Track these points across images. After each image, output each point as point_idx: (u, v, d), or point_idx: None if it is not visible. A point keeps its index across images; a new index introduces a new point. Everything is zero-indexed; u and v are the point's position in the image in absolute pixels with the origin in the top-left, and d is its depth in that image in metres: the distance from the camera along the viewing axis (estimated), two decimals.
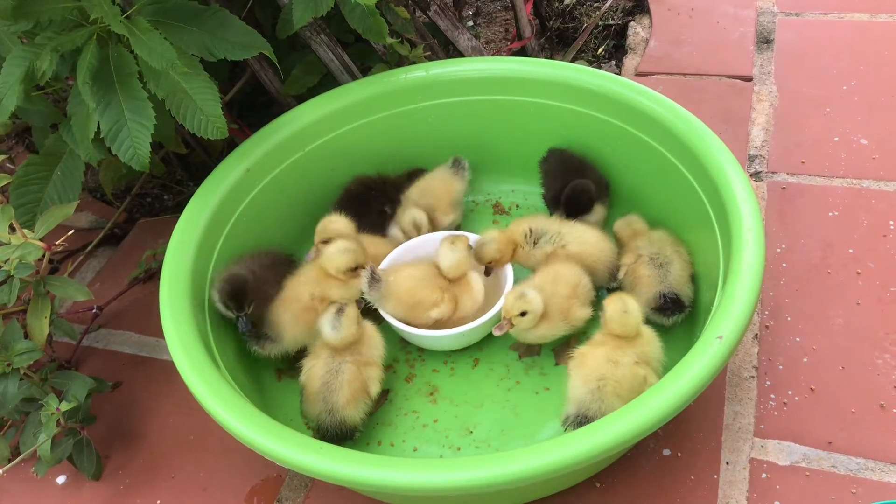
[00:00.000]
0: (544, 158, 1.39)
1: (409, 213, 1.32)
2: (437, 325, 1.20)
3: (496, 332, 1.12)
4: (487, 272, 1.24)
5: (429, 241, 1.30)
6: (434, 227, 1.34)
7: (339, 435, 1.08)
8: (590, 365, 1.03)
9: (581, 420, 1.00)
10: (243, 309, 1.15)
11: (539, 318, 1.13)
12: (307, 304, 1.19)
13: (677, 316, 1.17)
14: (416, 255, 1.30)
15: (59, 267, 1.52)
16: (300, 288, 1.20)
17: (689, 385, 0.89)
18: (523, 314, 1.11)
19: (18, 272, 1.08)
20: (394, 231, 1.35)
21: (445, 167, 1.41)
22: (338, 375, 1.10)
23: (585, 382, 1.02)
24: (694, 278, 1.20)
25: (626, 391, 1.00)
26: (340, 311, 1.11)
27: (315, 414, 1.10)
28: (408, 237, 1.32)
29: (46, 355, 1.26)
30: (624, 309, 1.05)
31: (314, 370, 1.12)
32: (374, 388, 1.12)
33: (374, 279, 1.18)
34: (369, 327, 1.16)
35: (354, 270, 1.20)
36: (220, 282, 1.17)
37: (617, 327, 1.05)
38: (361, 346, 1.13)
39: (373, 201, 1.38)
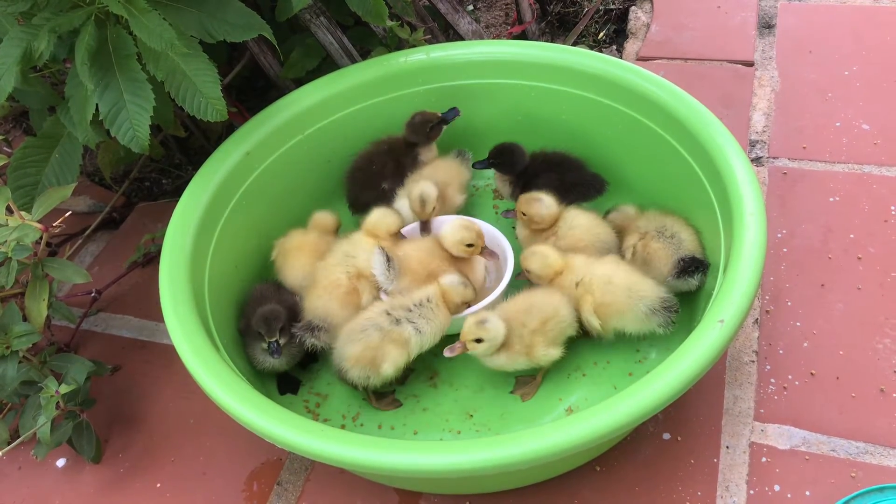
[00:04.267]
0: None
1: (419, 186, 1.28)
2: None
3: (447, 354, 1.09)
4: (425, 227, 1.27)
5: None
6: (446, 204, 1.34)
7: None
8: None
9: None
10: (273, 335, 1.13)
11: (497, 347, 1.09)
12: (348, 287, 1.18)
13: (702, 274, 1.15)
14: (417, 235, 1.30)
15: (57, 251, 1.52)
16: (335, 272, 1.19)
17: (690, 369, 0.89)
18: (479, 341, 1.08)
19: (16, 254, 1.08)
20: (400, 204, 1.34)
21: (451, 156, 1.41)
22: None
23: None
24: (701, 240, 1.20)
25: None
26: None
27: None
28: (415, 213, 1.29)
29: (45, 338, 1.26)
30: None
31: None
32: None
33: (388, 258, 1.17)
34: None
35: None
36: (254, 316, 1.16)
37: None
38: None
39: (374, 177, 1.38)
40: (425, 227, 1.29)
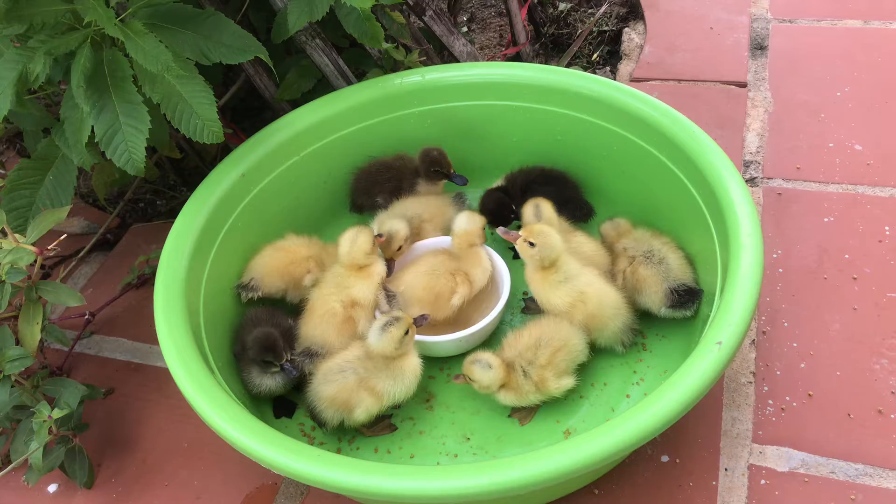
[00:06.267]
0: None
1: (389, 223, 1.27)
2: (434, 328, 1.20)
3: (455, 380, 1.13)
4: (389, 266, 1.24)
5: (418, 248, 1.32)
6: (420, 237, 1.34)
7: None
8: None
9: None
10: (282, 358, 1.13)
11: (492, 390, 1.10)
12: (344, 315, 1.17)
13: (696, 303, 1.16)
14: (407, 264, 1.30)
15: (51, 272, 1.51)
16: (330, 301, 1.18)
17: (689, 391, 0.88)
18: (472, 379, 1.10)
19: (10, 277, 1.07)
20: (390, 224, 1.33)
21: (447, 196, 1.41)
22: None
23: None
24: (690, 262, 1.20)
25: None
26: (390, 323, 1.09)
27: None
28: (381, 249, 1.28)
29: (38, 362, 1.25)
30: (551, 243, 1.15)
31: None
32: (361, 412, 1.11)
33: (391, 295, 1.18)
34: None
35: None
36: (251, 348, 1.15)
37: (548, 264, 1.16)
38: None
39: (374, 186, 1.39)
40: (390, 265, 1.26)
